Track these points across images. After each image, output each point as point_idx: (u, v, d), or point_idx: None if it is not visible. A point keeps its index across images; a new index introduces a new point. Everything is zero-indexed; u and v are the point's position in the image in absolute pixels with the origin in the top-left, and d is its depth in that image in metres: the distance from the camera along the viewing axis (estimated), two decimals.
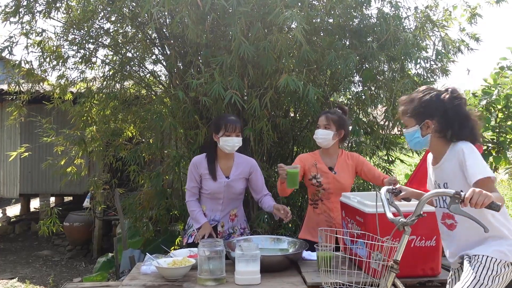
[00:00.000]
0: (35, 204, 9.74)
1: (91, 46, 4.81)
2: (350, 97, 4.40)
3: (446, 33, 4.18)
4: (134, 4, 4.28)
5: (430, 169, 2.16)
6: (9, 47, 4.39)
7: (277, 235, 3.14)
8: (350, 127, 3.98)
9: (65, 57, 4.77)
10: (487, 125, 4.40)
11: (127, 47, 4.82)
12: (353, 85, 4.41)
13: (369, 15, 4.00)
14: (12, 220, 8.94)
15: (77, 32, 4.72)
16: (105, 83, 4.84)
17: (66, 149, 5.22)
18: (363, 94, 4.10)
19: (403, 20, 4.01)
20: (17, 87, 4.85)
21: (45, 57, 4.71)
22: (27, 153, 5.36)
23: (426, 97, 2.01)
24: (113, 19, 4.66)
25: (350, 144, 4.22)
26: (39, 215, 7.98)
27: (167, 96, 4.42)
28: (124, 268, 4.20)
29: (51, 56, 4.72)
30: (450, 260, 2.09)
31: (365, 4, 3.90)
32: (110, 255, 5.49)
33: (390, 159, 4.60)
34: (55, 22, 6.35)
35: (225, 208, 3.04)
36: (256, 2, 3.43)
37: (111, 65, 4.88)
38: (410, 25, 4.15)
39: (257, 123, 3.66)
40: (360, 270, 2.16)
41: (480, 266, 1.85)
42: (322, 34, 4.04)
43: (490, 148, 4.56)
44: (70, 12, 4.69)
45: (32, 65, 4.74)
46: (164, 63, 4.60)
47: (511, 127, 4.49)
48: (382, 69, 4.14)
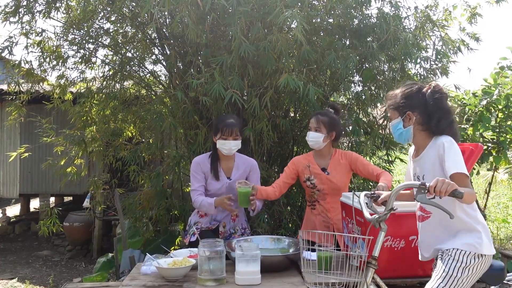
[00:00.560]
0: (35, 204, 9.73)
1: (91, 46, 4.81)
2: (350, 97, 4.40)
3: (446, 33, 4.18)
4: (134, 4, 4.28)
5: (410, 162, 2.23)
6: (9, 47, 4.38)
7: (277, 235, 3.14)
8: (350, 127, 3.98)
9: (65, 57, 4.77)
10: (487, 125, 4.40)
11: (127, 47, 4.81)
12: (353, 85, 4.40)
13: (369, 15, 4.00)
14: (12, 220, 8.93)
15: (77, 32, 4.72)
16: (105, 83, 4.84)
17: (66, 149, 5.22)
18: (363, 94, 4.10)
19: (403, 20, 4.01)
20: (17, 87, 4.85)
21: (45, 57, 4.71)
22: (27, 153, 5.36)
23: (408, 90, 2.11)
24: (113, 19, 4.66)
25: (350, 144, 4.22)
26: (39, 215, 7.98)
27: (167, 96, 4.42)
28: (124, 268, 4.20)
29: (51, 56, 4.72)
30: (425, 254, 2.15)
31: (365, 4, 3.90)
32: (110, 255, 5.48)
33: (390, 159, 4.59)
34: (55, 22, 6.35)
35: None
36: (256, 2, 3.43)
37: (111, 65, 4.88)
38: (410, 25, 4.15)
39: (257, 123, 3.66)
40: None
41: (450, 259, 1.95)
42: (322, 34, 4.04)
43: (490, 148, 4.57)
44: (70, 12, 4.69)
45: (32, 65, 4.74)
46: (164, 63, 4.60)
47: (511, 127, 4.49)
48: (382, 69, 4.14)
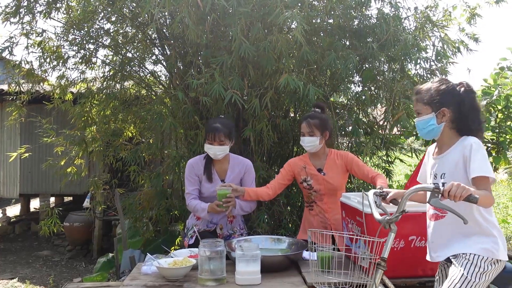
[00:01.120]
0: (35, 204, 9.73)
1: (91, 46, 4.82)
2: (350, 97, 4.40)
3: (446, 34, 4.19)
4: (134, 4, 4.29)
5: (430, 159, 2.18)
6: (10, 48, 4.39)
7: (277, 235, 3.14)
8: (350, 127, 3.99)
9: (65, 57, 4.78)
10: (487, 125, 4.40)
11: (127, 47, 4.82)
12: (353, 85, 4.41)
13: (369, 16, 4.01)
14: (12, 220, 8.94)
15: (77, 32, 4.73)
16: (105, 83, 4.84)
17: (66, 150, 5.22)
18: (363, 95, 4.11)
19: (403, 21, 4.02)
20: (17, 87, 4.85)
21: (45, 57, 4.72)
22: (27, 154, 5.36)
23: (443, 86, 2.06)
24: (113, 19, 4.66)
25: (350, 145, 4.23)
26: (39, 215, 7.98)
27: (167, 97, 4.42)
28: (124, 268, 4.21)
29: (51, 56, 4.73)
30: (433, 255, 2.07)
31: (365, 5, 3.91)
32: (110, 255, 5.49)
33: (390, 159, 4.60)
34: (55, 23, 6.35)
35: None
36: (256, 2, 3.43)
37: (111, 65, 4.88)
38: (410, 25, 4.16)
39: (257, 124, 3.66)
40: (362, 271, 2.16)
41: (468, 263, 1.89)
42: (322, 35, 4.04)
43: (490, 148, 4.57)
44: (70, 12, 4.70)
45: (32, 65, 4.75)
46: (164, 63, 4.60)
47: (511, 128, 4.49)
48: (382, 69, 4.14)
